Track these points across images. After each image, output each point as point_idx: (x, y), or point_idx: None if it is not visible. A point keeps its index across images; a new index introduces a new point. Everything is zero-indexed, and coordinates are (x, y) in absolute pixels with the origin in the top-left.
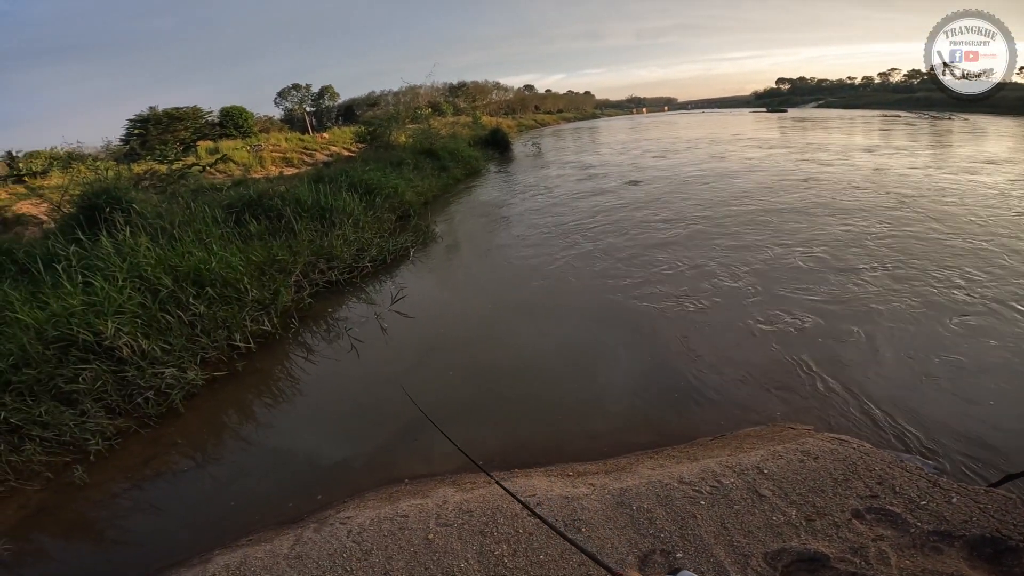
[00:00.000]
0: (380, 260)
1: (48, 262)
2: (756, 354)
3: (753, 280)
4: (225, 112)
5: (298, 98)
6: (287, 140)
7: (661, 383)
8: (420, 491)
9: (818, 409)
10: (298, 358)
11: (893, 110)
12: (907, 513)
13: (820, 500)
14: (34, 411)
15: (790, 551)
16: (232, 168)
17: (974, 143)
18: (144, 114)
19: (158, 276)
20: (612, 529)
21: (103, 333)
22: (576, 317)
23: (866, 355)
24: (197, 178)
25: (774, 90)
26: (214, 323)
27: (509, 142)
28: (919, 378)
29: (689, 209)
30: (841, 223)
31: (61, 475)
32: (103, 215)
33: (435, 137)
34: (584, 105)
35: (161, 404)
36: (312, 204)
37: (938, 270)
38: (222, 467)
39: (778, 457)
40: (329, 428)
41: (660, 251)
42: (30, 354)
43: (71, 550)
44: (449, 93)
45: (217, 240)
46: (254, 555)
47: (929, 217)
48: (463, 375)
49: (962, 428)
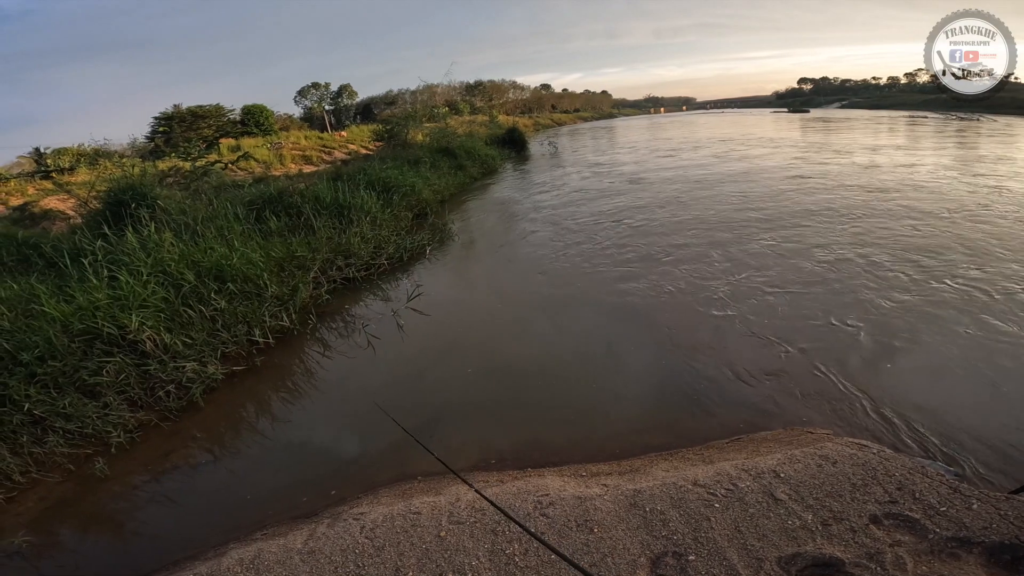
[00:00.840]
0: (397, 258)
1: (75, 256)
2: (775, 357)
3: (777, 283)
4: (247, 110)
5: (317, 96)
6: (307, 138)
7: (677, 384)
8: (433, 488)
9: (838, 413)
10: (315, 354)
11: (920, 111)
12: (926, 519)
13: (837, 505)
14: (58, 403)
15: (804, 555)
16: (253, 165)
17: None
18: (169, 112)
19: (181, 271)
20: (624, 530)
21: (127, 327)
22: (591, 317)
23: (888, 360)
24: (219, 175)
25: (796, 90)
26: (234, 318)
27: (526, 141)
28: (943, 384)
29: (713, 209)
30: (872, 224)
31: (82, 467)
32: (129, 211)
33: (452, 136)
34: (601, 104)
35: (182, 398)
36: (331, 202)
37: (965, 273)
38: (239, 460)
39: (795, 461)
40: (344, 424)
41: (678, 251)
42: (56, 347)
43: (89, 542)
44: (466, 92)
45: (238, 236)
46: (268, 549)
47: (964, 220)
48: (478, 373)
49: (986, 435)
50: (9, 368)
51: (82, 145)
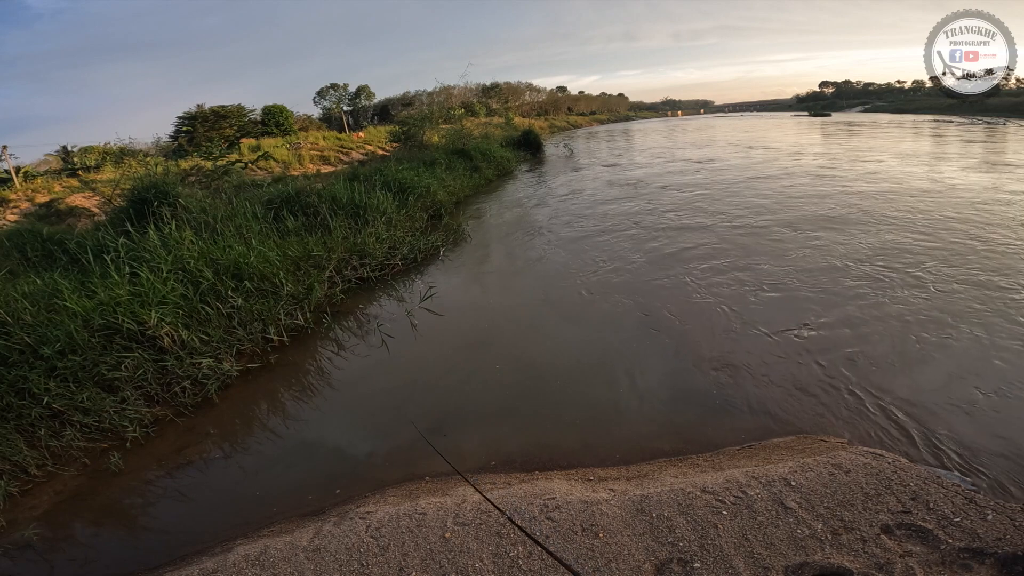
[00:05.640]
0: (411, 258)
1: (97, 253)
2: (789, 363)
3: (791, 288)
4: (267, 110)
5: (335, 97)
6: (325, 139)
7: (688, 390)
8: (440, 489)
9: (853, 422)
10: (329, 352)
11: (945, 115)
12: (939, 529)
13: (848, 514)
14: (77, 397)
15: (812, 565)
16: (272, 165)
17: None
18: (192, 112)
19: (200, 269)
20: (629, 536)
21: (147, 323)
22: (603, 320)
23: (905, 369)
24: (239, 174)
25: (817, 93)
26: (250, 316)
27: (541, 143)
28: (961, 394)
29: (731, 211)
30: (896, 232)
31: (97, 461)
32: (151, 209)
33: (467, 137)
34: (617, 107)
35: (197, 394)
36: (347, 202)
37: (982, 282)
38: (250, 457)
39: (807, 469)
40: (356, 422)
41: (694, 257)
42: (76, 341)
43: (100, 535)
44: (482, 94)
45: (256, 235)
46: (274, 546)
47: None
48: (490, 374)
49: (1006, 446)
50: (30, 362)
51: (108, 144)
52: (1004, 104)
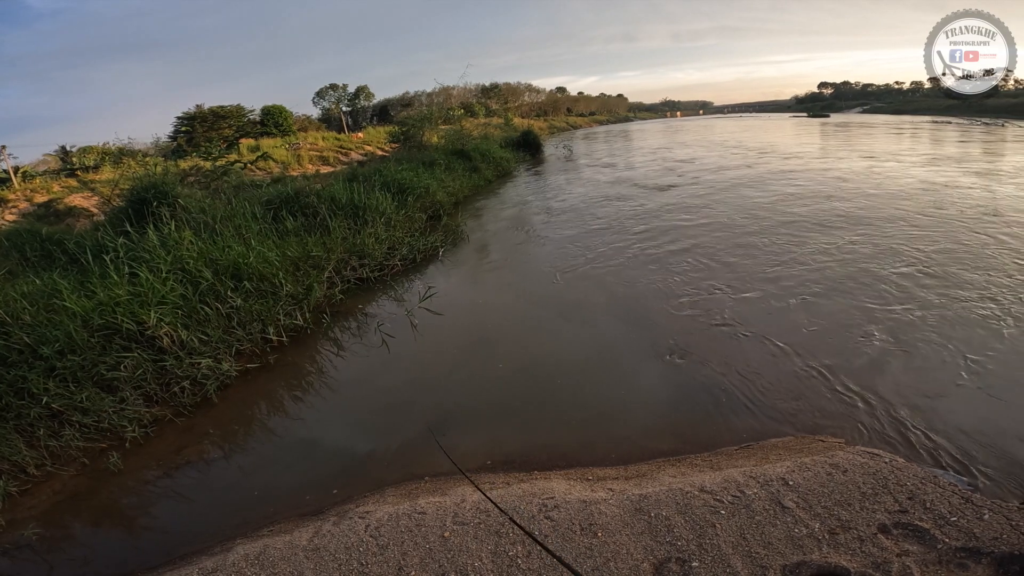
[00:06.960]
0: (410, 259)
1: (97, 253)
2: (786, 364)
3: (788, 289)
4: (266, 111)
5: (335, 98)
6: (324, 139)
7: (687, 390)
8: (439, 488)
9: (851, 422)
10: (328, 352)
11: (944, 116)
12: (936, 529)
13: (846, 514)
14: (76, 397)
15: (809, 564)
16: (271, 166)
17: None
18: (191, 112)
19: (199, 269)
20: (628, 535)
21: (146, 323)
22: (602, 320)
23: (903, 369)
24: (238, 175)
25: (816, 94)
26: (250, 316)
27: (540, 144)
28: (960, 394)
29: (731, 212)
30: (897, 231)
31: (96, 461)
32: (150, 209)
33: (467, 138)
34: (617, 108)
35: (196, 394)
36: (346, 202)
37: (977, 280)
38: (249, 457)
39: (805, 469)
40: (355, 422)
41: (694, 257)
42: (76, 341)
43: (99, 535)
44: (481, 94)
45: (255, 235)
46: (273, 545)
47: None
48: (490, 373)
49: (1003, 445)
50: (29, 362)
51: (107, 144)
52: (1003, 105)
